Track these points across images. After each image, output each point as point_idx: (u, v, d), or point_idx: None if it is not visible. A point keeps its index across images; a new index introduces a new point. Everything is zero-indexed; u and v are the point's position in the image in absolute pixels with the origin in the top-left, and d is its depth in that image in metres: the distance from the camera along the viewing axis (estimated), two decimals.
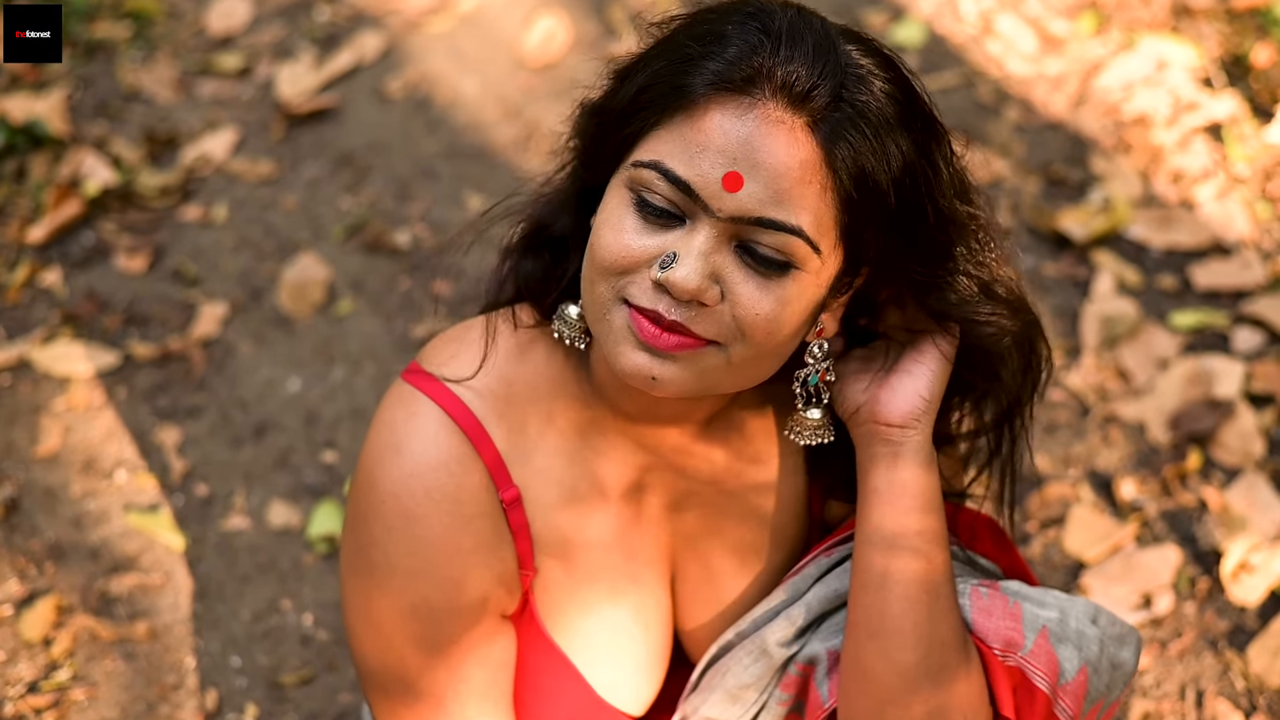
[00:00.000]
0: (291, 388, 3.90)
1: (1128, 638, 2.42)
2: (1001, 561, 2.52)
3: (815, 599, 2.38)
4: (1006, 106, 4.58)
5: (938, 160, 2.14)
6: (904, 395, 2.25)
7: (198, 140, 4.54)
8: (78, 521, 3.58)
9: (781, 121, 2.04)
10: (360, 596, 2.35)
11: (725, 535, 2.50)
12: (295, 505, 3.63)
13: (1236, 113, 4.43)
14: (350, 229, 4.28)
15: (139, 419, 3.80)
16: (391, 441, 2.31)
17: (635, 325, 2.09)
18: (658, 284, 2.07)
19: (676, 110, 2.07)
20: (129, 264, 4.17)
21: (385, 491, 2.29)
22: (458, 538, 2.29)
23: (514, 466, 2.34)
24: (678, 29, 2.17)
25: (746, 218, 2.04)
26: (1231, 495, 3.52)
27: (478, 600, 2.33)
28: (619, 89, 2.18)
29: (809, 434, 2.32)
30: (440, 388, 2.32)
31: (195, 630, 3.39)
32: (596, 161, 2.22)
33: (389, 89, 4.69)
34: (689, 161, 2.04)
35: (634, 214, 2.09)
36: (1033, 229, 4.20)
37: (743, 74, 2.05)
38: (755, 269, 2.07)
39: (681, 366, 2.10)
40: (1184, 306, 3.97)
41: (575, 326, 2.27)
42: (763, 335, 2.10)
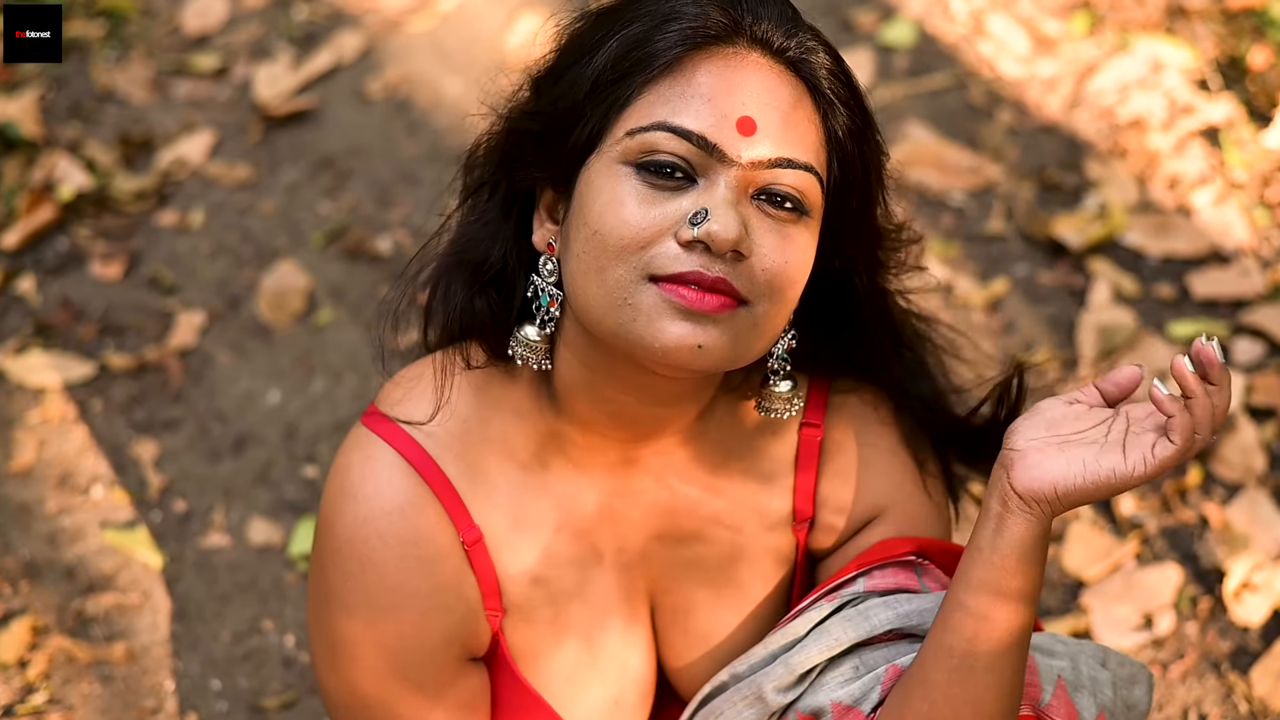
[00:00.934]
0: (271, 400, 3.84)
1: (1139, 676, 2.38)
2: None
3: (815, 647, 2.31)
4: (999, 109, 4.53)
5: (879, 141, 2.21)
6: (1053, 471, 2.07)
7: (174, 143, 4.48)
8: (53, 539, 3.52)
9: (770, 66, 2.08)
10: (326, 643, 2.34)
11: (705, 566, 2.44)
12: (276, 522, 3.57)
13: (1233, 116, 4.39)
14: (330, 235, 4.22)
15: (115, 432, 3.74)
16: (346, 487, 2.29)
17: (674, 295, 2.02)
18: (689, 244, 2.02)
19: (659, 73, 2.06)
20: (104, 271, 4.10)
21: (341, 538, 2.28)
22: (414, 582, 2.28)
23: (475, 506, 2.31)
24: (617, 7, 2.15)
25: (766, 160, 2.04)
26: (1233, 512, 3.47)
27: (440, 643, 2.31)
28: (564, 77, 2.14)
29: (782, 406, 2.28)
30: (395, 430, 2.29)
31: (174, 652, 3.34)
32: (553, 158, 2.15)
33: (369, 90, 4.62)
34: (695, 114, 2.03)
35: (639, 185, 2.04)
36: (1027, 236, 4.16)
37: (719, 26, 2.07)
38: (774, 218, 2.07)
39: (722, 330, 2.05)
40: (1182, 316, 3.93)
41: (536, 348, 2.22)
42: (786, 287, 2.08)
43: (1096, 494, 2.05)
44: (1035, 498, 2.06)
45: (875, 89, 4.56)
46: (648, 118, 2.04)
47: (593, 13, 2.17)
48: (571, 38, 2.17)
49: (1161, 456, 2.01)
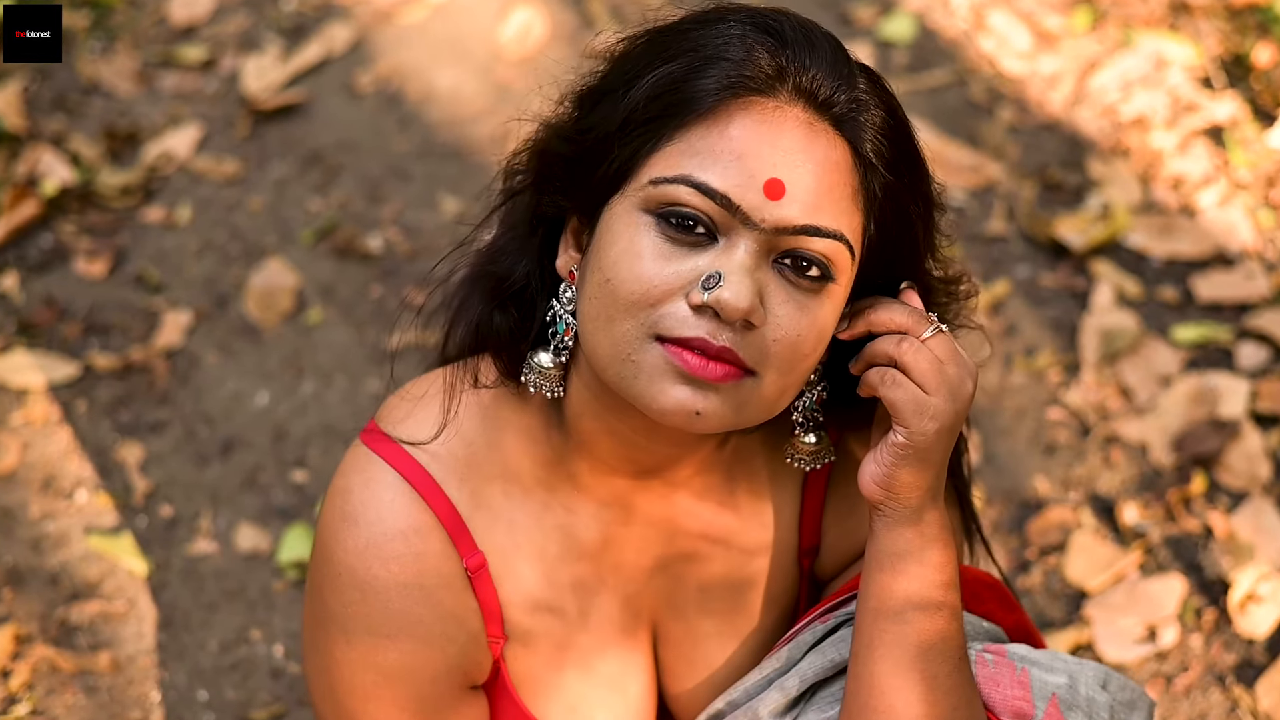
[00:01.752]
0: (259, 402, 3.79)
1: (1139, 703, 2.35)
2: (1006, 623, 2.44)
3: (810, 668, 2.29)
4: (1000, 106, 4.51)
5: (931, 181, 2.14)
6: (866, 477, 2.14)
7: (160, 137, 4.42)
8: (36, 544, 3.47)
9: (810, 123, 1.97)
10: (323, 669, 2.30)
11: (710, 594, 2.41)
12: (264, 528, 3.53)
13: (1237, 115, 4.38)
14: (319, 233, 4.17)
15: (100, 434, 3.69)
16: (346, 511, 2.24)
17: (677, 360, 1.97)
18: (699, 308, 1.96)
19: (692, 120, 1.97)
20: (89, 268, 4.05)
21: (341, 564, 2.23)
22: (417, 610, 2.24)
23: (478, 532, 2.26)
24: (663, 37, 2.06)
25: (790, 227, 1.95)
26: (1238, 521, 3.45)
27: (442, 672, 2.27)
28: (601, 105, 2.06)
29: (809, 459, 2.24)
30: (397, 451, 2.24)
31: (160, 662, 3.29)
32: (580, 190, 2.09)
33: (359, 83, 4.56)
34: (723, 171, 1.94)
35: (658, 238, 1.97)
36: (1029, 237, 4.14)
37: (762, 75, 1.97)
38: (794, 285, 1.99)
39: (724, 399, 2.00)
40: (1186, 319, 3.91)
41: (549, 375, 2.18)
42: (798, 359, 2.02)
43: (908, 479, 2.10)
44: (875, 500, 2.13)
45: None
46: (674, 168, 1.97)
47: (640, 35, 2.10)
48: (615, 61, 2.10)
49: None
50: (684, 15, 2.10)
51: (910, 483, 2.10)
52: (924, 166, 2.10)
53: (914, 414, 2.06)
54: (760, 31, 2.00)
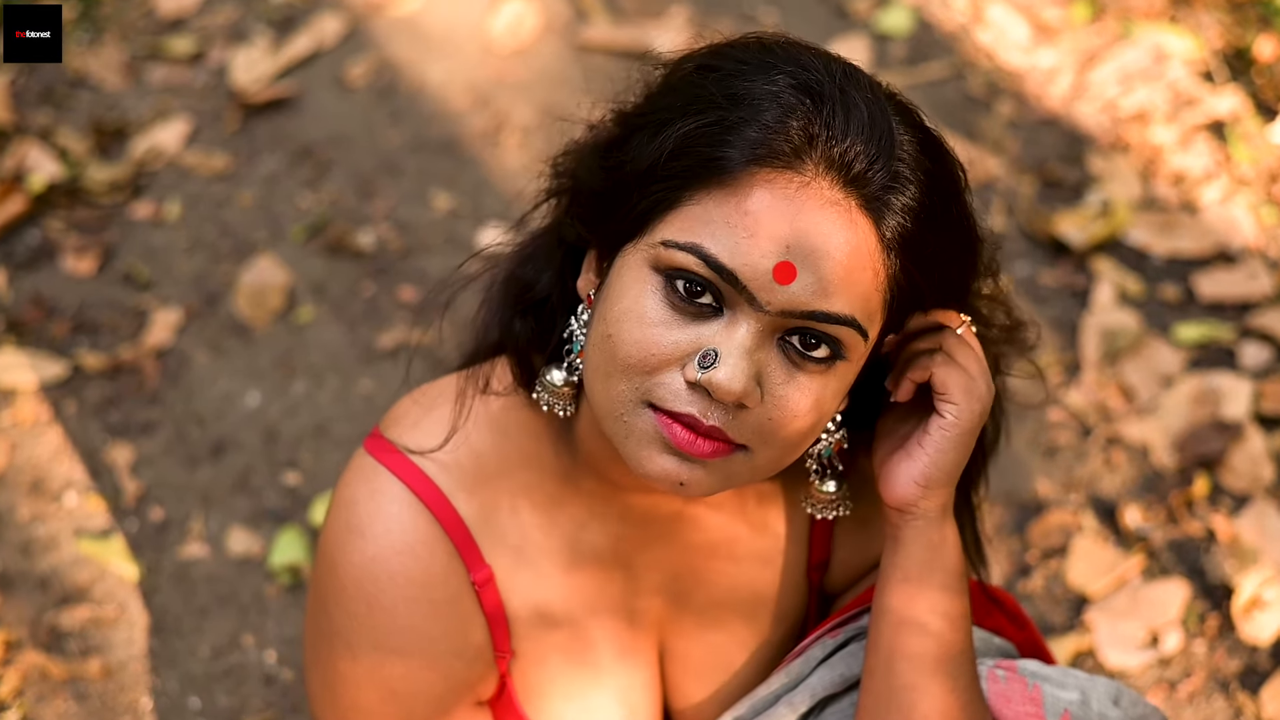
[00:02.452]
0: (250, 402, 3.76)
1: (1150, 718, 2.33)
2: (1016, 639, 2.43)
3: (820, 683, 2.29)
4: (999, 100, 4.48)
5: (964, 194, 2.05)
6: (899, 479, 2.12)
7: (148, 131, 4.38)
8: (25, 548, 3.45)
9: (836, 203, 1.88)
10: (326, 683, 2.27)
11: (718, 608, 2.39)
12: (256, 531, 3.50)
13: (1239, 109, 4.36)
14: (311, 229, 4.13)
15: (89, 436, 3.66)
16: (352, 522, 2.20)
17: (666, 431, 1.94)
18: (694, 385, 1.91)
19: (713, 184, 1.89)
20: (77, 265, 4.01)
21: (347, 577, 2.19)
22: (424, 624, 2.21)
23: (485, 545, 2.23)
24: (703, 79, 1.97)
25: (797, 311, 1.88)
26: (1241, 524, 3.44)
27: (448, 688, 2.25)
28: (632, 141, 1.99)
29: (824, 507, 2.21)
30: (404, 461, 2.20)
31: (151, 668, 3.27)
32: (600, 224, 2.05)
33: (350, 76, 4.52)
34: (734, 248, 1.87)
35: (661, 302, 1.92)
36: (1028, 234, 4.12)
37: (790, 145, 1.88)
38: (798, 366, 1.93)
39: (710, 472, 1.97)
40: (1188, 318, 3.89)
41: (561, 394, 2.14)
42: (794, 436, 1.97)
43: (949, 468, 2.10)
44: (909, 502, 2.11)
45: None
46: (687, 233, 1.90)
47: (687, 66, 2.02)
48: (655, 93, 2.04)
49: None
50: (733, 49, 2.01)
51: (950, 473, 2.09)
52: (963, 230, 2.02)
53: (964, 392, 2.05)
54: (800, 92, 1.90)
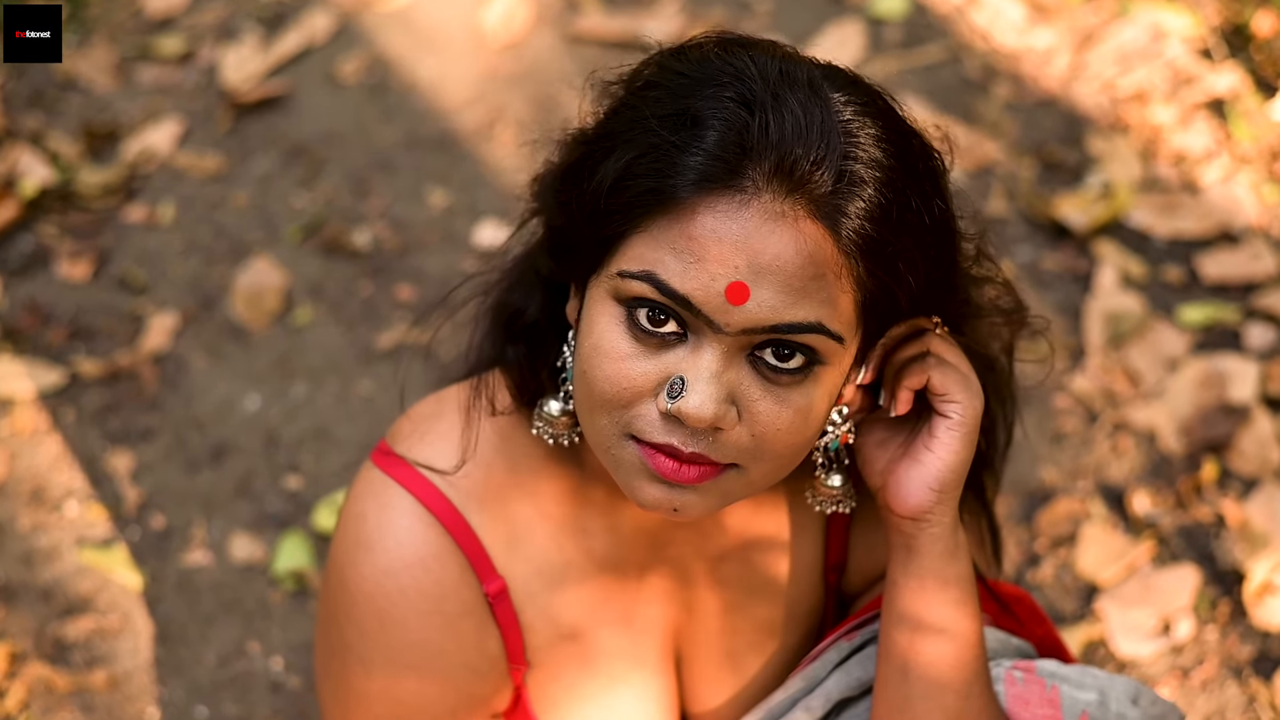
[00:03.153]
0: (250, 406, 3.74)
1: (1169, 717, 2.32)
2: (1034, 637, 2.41)
3: (835, 687, 2.28)
4: (995, 82, 4.46)
5: (938, 182, 1.98)
6: (911, 487, 2.09)
7: (140, 132, 4.36)
8: (27, 559, 3.44)
9: (782, 215, 1.83)
10: (338, 698, 2.26)
11: (735, 613, 2.37)
12: (259, 537, 3.49)
13: (1238, 87, 4.34)
14: (306, 229, 4.12)
15: (88, 443, 3.65)
16: (362, 537, 2.18)
17: (651, 463, 1.92)
18: (668, 414, 1.88)
19: (658, 212, 1.85)
20: (71, 271, 4.00)
21: (358, 592, 2.18)
22: (438, 639, 2.19)
23: (498, 556, 2.21)
24: (641, 101, 1.93)
25: (758, 328, 1.84)
26: (1251, 508, 3.42)
27: (462, 701, 2.24)
28: (583, 171, 1.95)
29: (829, 502, 2.17)
30: (412, 474, 2.18)
31: (157, 678, 3.27)
32: (564, 259, 2.03)
33: (341, 73, 4.50)
34: (684, 273, 1.83)
35: (625, 335, 1.90)
36: (1029, 218, 4.10)
37: (730, 165, 1.83)
38: (773, 380, 1.89)
39: (702, 495, 1.95)
40: (1192, 300, 3.87)
41: (560, 424, 2.13)
42: (784, 449, 1.94)
43: (959, 468, 2.07)
44: (924, 509, 2.08)
45: (866, 63, 4.48)
46: (639, 262, 1.87)
47: (629, 88, 1.99)
48: (603, 119, 2.00)
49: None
50: (674, 61, 1.97)
51: (960, 474, 2.07)
52: (935, 224, 1.95)
53: (964, 388, 2.04)
54: (736, 104, 1.86)
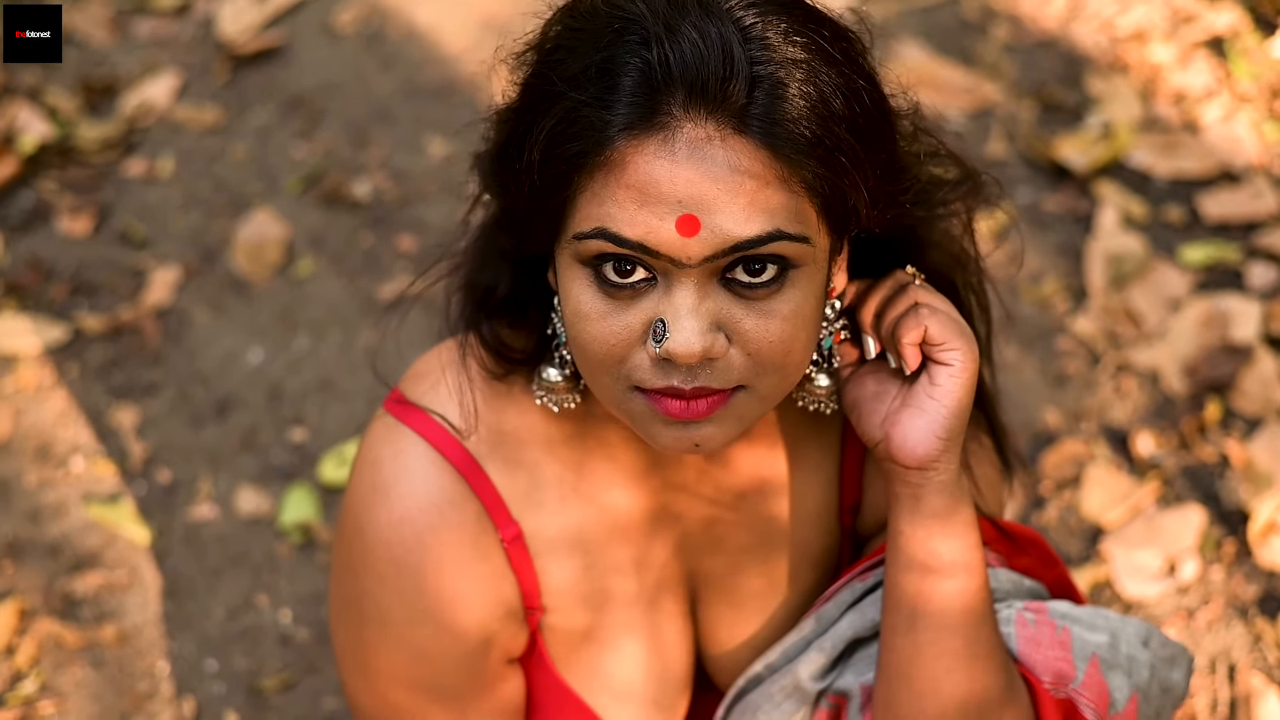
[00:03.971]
0: (253, 359, 3.76)
1: (1179, 659, 2.33)
2: (1046, 578, 2.40)
3: (848, 628, 2.27)
4: (994, 24, 4.47)
5: (860, 64, 1.93)
6: (917, 437, 2.08)
7: (137, 86, 4.38)
8: (34, 515, 3.46)
9: (708, 139, 1.81)
10: (354, 648, 2.25)
11: (750, 556, 2.36)
12: (265, 490, 3.51)
13: (1238, 24, 4.35)
14: (306, 180, 4.13)
15: (93, 399, 3.67)
16: (378, 483, 2.17)
17: (660, 409, 1.92)
18: (659, 359, 1.89)
19: (593, 169, 1.85)
20: (72, 226, 4.01)
21: (374, 539, 2.16)
22: (454, 585, 2.18)
23: (513, 502, 2.21)
24: (551, 69, 1.91)
25: (719, 252, 1.83)
26: (1255, 448, 3.43)
27: (480, 646, 2.22)
28: (511, 149, 1.94)
29: (815, 401, 2.17)
30: (427, 421, 2.17)
31: (166, 632, 3.28)
32: (524, 234, 2.01)
33: (338, 23, 4.51)
34: (632, 220, 1.82)
35: (598, 294, 1.89)
36: (1029, 159, 4.11)
37: (645, 106, 1.82)
38: (751, 297, 1.88)
39: (718, 423, 1.94)
40: (1193, 240, 3.88)
41: (561, 389, 2.13)
42: (783, 358, 1.93)
43: (963, 413, 2.07)
44: (932, 458, 2.07)
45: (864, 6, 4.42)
46: (588, 221, 1.86)
47: (531, 62, 1.97)
48: (517, 95, 1.98)
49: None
50: (567, 20, 1.95)
51: (964, 420, 2.07)
52: (865, 107, 1.91)
53: (960, 334, 2.03)
54: (634, 45, 1.84)
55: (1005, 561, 2.36)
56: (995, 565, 2.32)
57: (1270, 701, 3.03)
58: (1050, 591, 2.40)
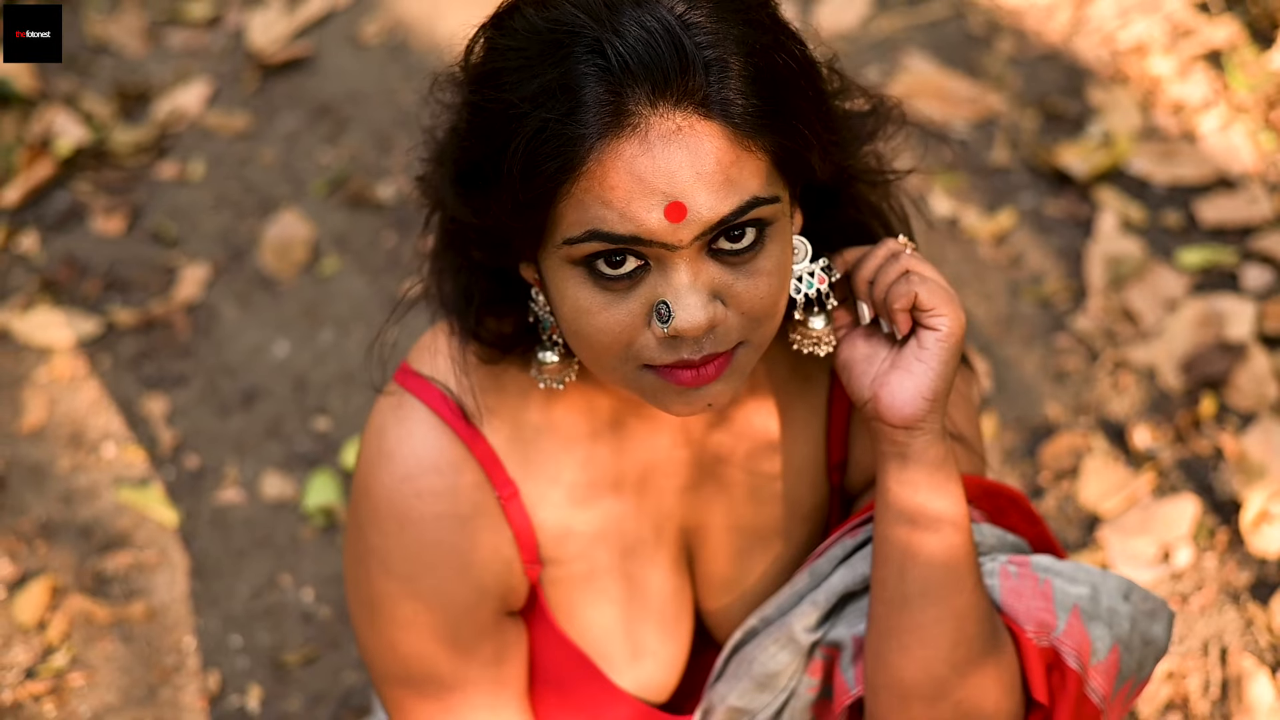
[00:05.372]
0: (279, 352, 3.85)
1: (1159, 613, 2.38)
2: (1028, 535, 2.46)
3: (840, 581, 2.33)
4: (999, 38, 4.53)
5: (784, 23, 2.04)
6: (905, 397, 2.15)
7: (170, 94, 4.48)
8: (67, 498, 3.55)
9: (678, 129, 1.90)
10: (365, 604, 2.34)
11: (742, 512, 2.43)
12: (289, 475, 3.60)
13: (1235, 38, 4.39)
14: (331, 184, 4.22)
15: (125, 389, 3.76)
16: (382, 448, 2.27)
17: (672, 380, 2.01)
18: (666, 337, 1.97)
19: (573, 177, 1.91)
20: (106, 225, 4.11)
21: (379, 498, 2.26)
22: (454, 538, 2.27)
23: (510, 463, 2.30)
24: (507, 92, 1.94)
25: (707, 230, 1.92)
26: (1248, 441, 3.48)
27: (479, 599, 2.31)
28: (484, 174, 1.99)
29: (811, 344, 2.23)
30: (429, 388, 2.27)
31: (193, 609, 3.37)
32: (503, 249, 2.09)
33: (364, 34, 4.61)
34: (621, 217, 1.90)
35: (595, 289, 1.97)
36: (1032, 166, 4.17)
37: (614, 109, 1.89)
38: (737, 262, 1.98)
39: (725, 380, 2.03)
40: (1190, 244, 3.93)
41: (557, 368, 2.20)
42: (774, 308, 2.03)
43: (950, 377, 2.15)
44: (918, 418, 2.15)
45: (873, 20, 4.57)
46: (577, 226, 1.93)
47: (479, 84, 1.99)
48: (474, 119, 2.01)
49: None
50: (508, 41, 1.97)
51: (950, 382, 2.14)
52: (798, 64, 2.01)
53: (948, 300, 2.11)
54: (589, 54, 1.90)
55: (989, 519, 2.41)
56: (982, 521, 2.38)
57: (1260, 682, 3.08)
58: (1032, 547, 2.45)
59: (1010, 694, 2.26)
